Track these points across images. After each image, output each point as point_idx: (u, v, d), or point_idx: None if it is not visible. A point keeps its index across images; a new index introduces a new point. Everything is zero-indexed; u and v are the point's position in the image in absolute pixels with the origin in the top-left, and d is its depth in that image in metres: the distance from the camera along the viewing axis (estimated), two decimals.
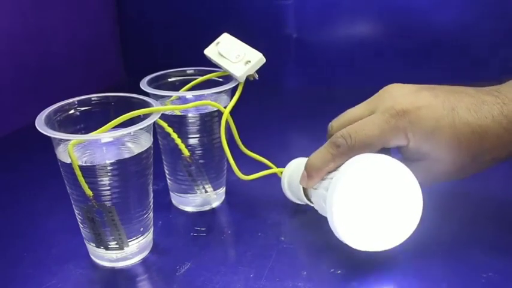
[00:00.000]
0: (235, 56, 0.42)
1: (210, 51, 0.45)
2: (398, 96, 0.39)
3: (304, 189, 0.43)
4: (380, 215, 0.36)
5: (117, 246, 0.38)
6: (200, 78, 0.46)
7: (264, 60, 0.41)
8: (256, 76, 0.42)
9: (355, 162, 0.37)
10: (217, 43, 0.46)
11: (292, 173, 0.45)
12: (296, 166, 0.45)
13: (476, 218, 0.44)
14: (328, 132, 0.43)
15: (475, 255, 0.39)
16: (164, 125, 0.41)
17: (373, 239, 0.37)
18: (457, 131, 0.36)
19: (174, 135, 0.42)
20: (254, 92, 0.43)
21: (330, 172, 0.39)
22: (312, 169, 0.40)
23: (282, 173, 0.47)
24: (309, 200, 0.43)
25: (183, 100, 0.46)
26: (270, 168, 0.48)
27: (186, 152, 0.42)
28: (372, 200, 0.36)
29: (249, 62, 0.41)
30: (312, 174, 0.40)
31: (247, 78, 0.42)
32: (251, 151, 0.47)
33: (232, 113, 0.43)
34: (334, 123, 0.43)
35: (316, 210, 0.41)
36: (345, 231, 0.36)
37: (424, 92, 0.38)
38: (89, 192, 0.35)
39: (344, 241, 0.37)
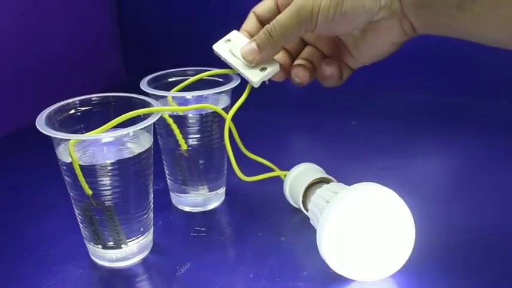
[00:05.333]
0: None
1: (220, 48, 0.43)
2: None
3: (304, 197, 0.43)
4: (371, 246, 0.35)
5: (115, 245, 0.38)
6: (193, 78, 0.44)
7: (278, 68, 0.40)
8: (267, 81, 0.41)
9: (349, 191, 0.36)
10: (228, 40, 0.43)
11: (294, 179, 0.45)
12: (299, 172, 0.45)
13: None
14: None
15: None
16: (170, 121, 0.41)
17: (364, 269, 0.36)
18: None
19: (177, 131, 0.42)
20: (255, 93, 0.43)
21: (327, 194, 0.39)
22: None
23: (285, 176, 0.46)
24: (306, 209, 0.43)
25: (183, 100, 0.46)
26: (272, 170, 0.48)
27: (184, 146, 0.42)
28: (363, 231, 0.35)
29: (265, 69, 0.40)
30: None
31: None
32: (252, 153, 0.46)
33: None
34: None
35: None
36: (334, 262, 0.36)
37: None
38: (89, 192, 0.35)
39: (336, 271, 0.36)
